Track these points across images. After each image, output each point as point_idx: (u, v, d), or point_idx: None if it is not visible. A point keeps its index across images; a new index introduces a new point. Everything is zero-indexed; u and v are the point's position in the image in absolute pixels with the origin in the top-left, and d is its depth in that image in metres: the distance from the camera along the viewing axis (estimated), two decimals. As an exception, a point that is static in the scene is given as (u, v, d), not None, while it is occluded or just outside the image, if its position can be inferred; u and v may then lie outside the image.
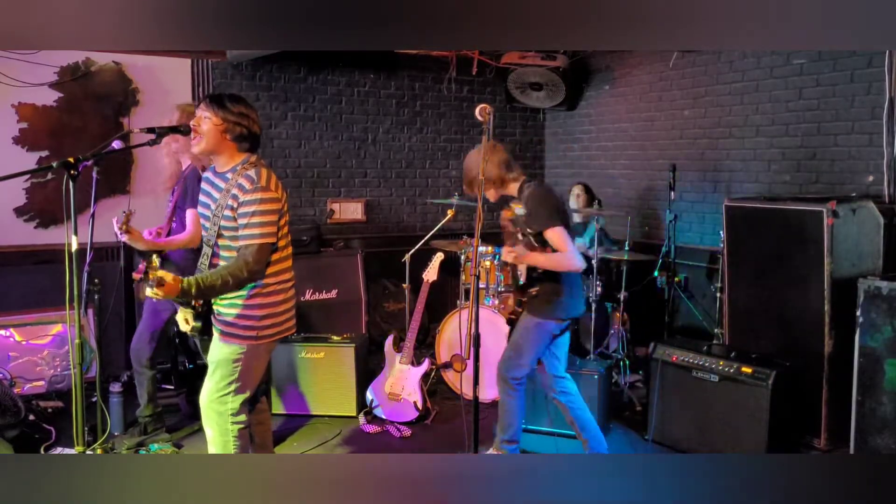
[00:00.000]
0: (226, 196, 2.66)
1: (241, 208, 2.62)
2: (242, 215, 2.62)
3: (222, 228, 2.69)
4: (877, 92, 4.17)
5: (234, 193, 2.63)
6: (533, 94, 6.34)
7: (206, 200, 2.80)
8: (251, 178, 2.63)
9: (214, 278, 2.54)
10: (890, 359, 3.32)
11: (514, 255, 3.23)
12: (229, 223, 2.66)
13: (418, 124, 6.38)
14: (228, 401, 2.76)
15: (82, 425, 2.67)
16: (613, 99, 6.18)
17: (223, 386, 2.75)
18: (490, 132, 2.81)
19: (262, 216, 2.61)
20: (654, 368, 3.92)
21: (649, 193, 5.80)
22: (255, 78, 5.65)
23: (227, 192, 2.66)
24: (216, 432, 2.79)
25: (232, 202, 2.63)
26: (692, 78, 5.38)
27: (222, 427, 2.77)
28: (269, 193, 2.64)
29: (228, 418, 2.76)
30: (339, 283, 5.45)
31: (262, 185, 2.63)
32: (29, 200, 4.88)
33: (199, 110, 2.72)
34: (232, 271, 2.58)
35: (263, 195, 2.61)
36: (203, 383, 2.85)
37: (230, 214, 2.64)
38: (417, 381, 4.28)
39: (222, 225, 2.68)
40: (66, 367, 4.58)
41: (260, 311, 2.73)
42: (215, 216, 2.70)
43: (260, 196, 2.61)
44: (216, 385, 2.76)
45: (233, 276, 2.57)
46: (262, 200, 2.61)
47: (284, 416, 4.35)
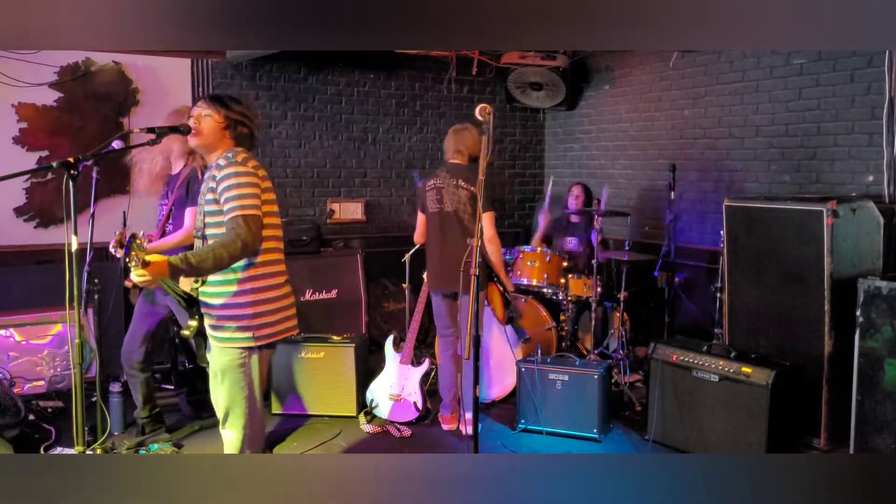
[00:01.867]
0: (207, 182, 2.67)
1: (220, 185, 2.61)
2: (222, 192, 2.61)
3: (206, 215, 2.68)
4: (877, 92, 4.17)
5: (212, 174, 2.65)
6: (533, 94, 6.34)
7: (199, 199, 2.82)
8: (226, 157, 2.66)
9: (206, 252, 2.48)
10: (890, 359, 3.32)
11: None
12: (212, 207, 2.65)
13: (418, 124, 6.38)
14: (245, 405, 2.72)
15: (82, 425, 2.66)
16: (613, 99, 6.18)
17: (237, 391, 2.71)
18: (490, 132, 2.81)
19: (240, 188, 2.60)
20: (654, 368, 3.92)
21: (649, 193, 5.80)
22: (255, 78, 5.65)
23: (207, 179, 2.68)
24: (239, 436, 2.76)
25: (212, 184, 2.64)
26: (692, 78, 5.38)
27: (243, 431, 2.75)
28: (244, 168, 2.63)
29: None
30: (339, 283, 5.45)
31: (237, 161, 2.64)
32: (29, 200, 4.89)
33: (197, 108, 2.72)
34: (224, 242, 2.51)
35: (237, 169, 2.62)
36: (206, 386, 2.83)
37: (212, 197, 2.64)
38: (417, 381, 4.28)
39: (206, 211, 2.68)
40: (66, 367, 4.58)
41: (251, 310, 2.66)
42: (201, 208, 2.71)
43: (234, 170, 2.61)
44: (229, 392, 2.71)
45: (225, 246, 2.49)
46: (236, 174, 2.60)
47: (284, 416, 4.35)
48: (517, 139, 6.90)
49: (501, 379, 4.53)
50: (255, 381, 2.73)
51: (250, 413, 2.73)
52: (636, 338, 5.25)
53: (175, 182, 3.79)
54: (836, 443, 3.74)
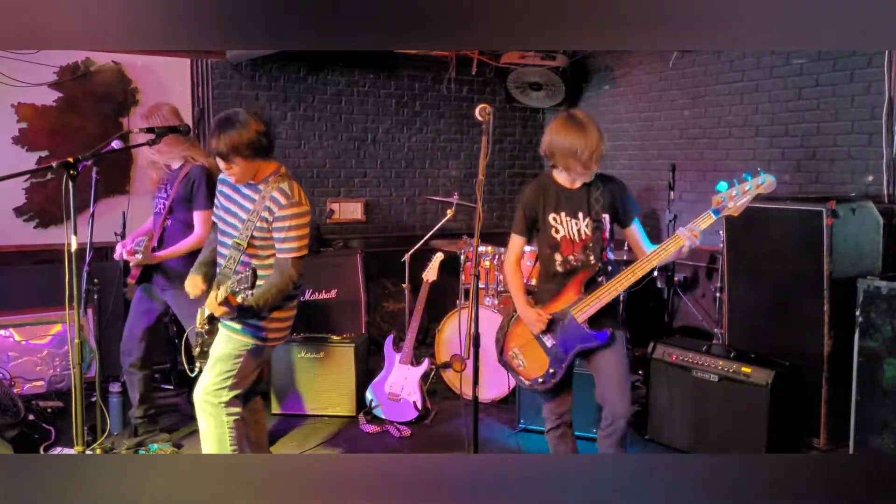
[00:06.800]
0: (260, 207, 2.75)
1: (277, 223, 2.73)
2: (279, 230, 2.74)
3: (254, 238, 2.78)
4: (876, 92, 4.17)
5: (268, 206, 2.74)
6: (533, 94, 6.34)
7: (229, 206, 2.87)
8: (285, 193, 2.75)
9: (267, 296, 2.70)
10: (889, 359, 3.32)
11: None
12: (261, 234, 2.77)
13: (418, 124, 6.38)
14: (224, 394, 2.85)
15: (82, 425, 2.67)
16: (613, 99, 6.17)
17: (221, 381, 2.84)
18: (490, 132, 2.82)
19: (298, 230, 2.75)
20: (653, 368, 3.92)
21: (649, 193, 5.80)
22: (255, 78, 5.65)
23: (260, 204, 2.76)
24: (212, 424, 2.87)
25: (267, 214, 2.74)
26: (692, 78, 5.38)
27: (217, 419, 2.87)
28: (303, 208, 2.78)
29: (223, 410, 2.86)
30: (339, 283, 5.45)
31: (296, 201, 2.76)
32: (29, 200, 4.88)
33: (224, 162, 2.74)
34: (280, 287, 2.76)
35: (298, 210, 2.75)
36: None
37: (264, 226, 2.75)
38: (417, 381, 4.28)
39: (254, 234, 2.78)
40: (65, 367, 4.58)
41: (275, 314, 2.86)
42: (247, 224, 2.78)
43: (295, 211, 2.74)
44: (214, 379, 2.85)
45: (281, 291, 2.77)
46: (297, 215, 2.75)
47: (284, 416, 4.35)
48: (517, 139, 6.90)
49: (501, 379, 4.53)
50: (243, 377, 2.88)
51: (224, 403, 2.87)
52: (636, 338, 5.25)
53: (175, 177, 3.70)
54: (835, 443, 3.74)
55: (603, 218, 3.00)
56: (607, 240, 3.04)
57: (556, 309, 3.02)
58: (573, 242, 3.00)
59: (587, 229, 2.98)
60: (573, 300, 2.98)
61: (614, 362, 2.97)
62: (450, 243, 5.10)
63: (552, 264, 3.04)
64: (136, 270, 3.68)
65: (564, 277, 3.01)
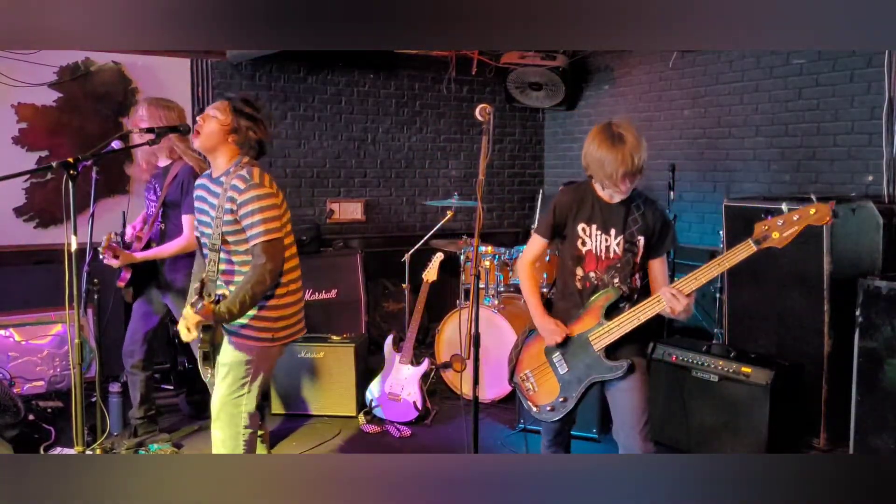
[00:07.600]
0: (223, 200, 2.66)
1: (241, 209, 2.62)
2: (244, 216, 2.63)
3: (225, 234, 2.69)
4: (876, 92, 4.17)
5: (230, 196, 2.64)
6: (532, 94, 6.34)
7: (203, 207, 2.80)
8: (243, 178, 2.64)
9: (242, 295, 2.59)
10: (890, 359, 3.32)
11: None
12: (231, 227, 2.67)
13: (418, 124, 6.38)
14: (242, 403, 2.76)
15: (82, 425, 2.67)
16: (613, 99, 6.17)
17: (237, 388, 2.75)
18: (490, 132, 2.81)
19: (263, 213, 2.62)
20: (653, 368, 3.92)
21: (649, 193, 5.76)
22: (254, 78, 5.65)
23: (223, 196, 2.66)
24: (227, 434, 2.78)
25: (230, 205, 2.64)
26: (692, 78, 5.38)
27: (234, 430, 2.77)
28: (264, 189, 2.65)
29: (241, 420, 2.77)
30: (339, 283, 5.45)
31: (256, 182, 2.64)
32: (28, 200, 4.88)
33: (208, 108, 2.73)
34: (254, 280, 2.61)
35: (258, 192, 2.63)
36: (206, 386, 2.85)
37: (230, 218, 2.65)
38: (417, 381, 4.28)
39: (225, 230, 2.68)
40: (65, 367, 4.57)
41: (275, 313, 2.76)
42: (216, 221, 2.70)
43: (255, 193, 2.62)
44: (229, 388, 2.76)
45: (256, 283, 2.61)
46: (258, 197, 2.62)
47: (284, 415, 4.35)
48: (517, 139, 6.90)
49: (501, 379, 4.53)
50: (258, 380, 2.77)
51: (244, 413, 2.77)
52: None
53: (164, 177, 3.68)
54: (835, 443, 3.74)
55: (638, 240, 2.75)
56: (639, 264, 2.78)
57: (572, 332, 2.78)
58: (598, 259, 2.75)
59: (617, 248, 2.73)
60: (592, 325, 2.74)
61: (630, 397, 2.70)
62: (450, 243, 5.09)
63: (572, 279, 2.79)
64: (125, 273, 3.67)
65: (582, 297, 2.77)
